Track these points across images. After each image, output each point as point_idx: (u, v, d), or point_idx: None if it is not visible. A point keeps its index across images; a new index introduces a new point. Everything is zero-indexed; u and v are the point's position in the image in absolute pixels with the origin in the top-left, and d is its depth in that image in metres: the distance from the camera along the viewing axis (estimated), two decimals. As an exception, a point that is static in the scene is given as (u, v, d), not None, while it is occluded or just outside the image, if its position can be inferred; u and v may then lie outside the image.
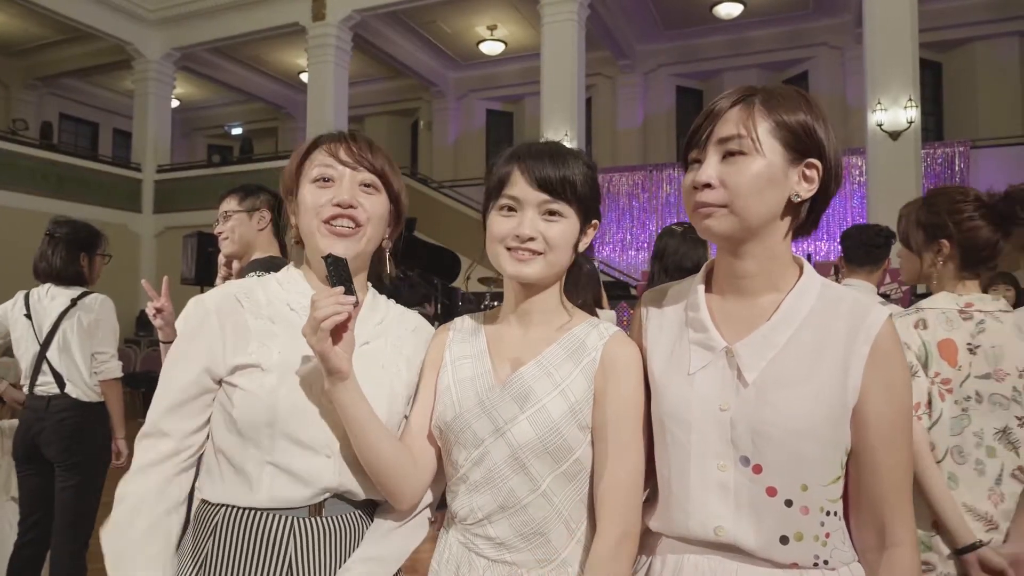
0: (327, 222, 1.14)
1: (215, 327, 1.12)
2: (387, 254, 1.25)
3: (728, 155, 0.98)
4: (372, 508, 1.20)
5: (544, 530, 1.09)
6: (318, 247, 1.14)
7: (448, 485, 1.18)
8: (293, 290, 1.19)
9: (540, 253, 1.10)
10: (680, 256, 2.42)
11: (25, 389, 2.87)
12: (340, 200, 1.14)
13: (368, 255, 1.21)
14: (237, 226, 2.28)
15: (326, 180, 1.16)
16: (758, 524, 0.97)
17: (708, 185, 0.98)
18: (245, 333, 1.12)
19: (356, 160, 1.17)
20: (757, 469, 0.97)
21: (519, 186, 1.10)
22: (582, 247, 1.16)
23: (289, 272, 1.23)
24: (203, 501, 1.15)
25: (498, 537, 1.10)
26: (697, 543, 1.02)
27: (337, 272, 1.06)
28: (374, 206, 1.18)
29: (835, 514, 1.00)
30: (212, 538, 1.10)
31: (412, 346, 1.25)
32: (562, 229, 1.10)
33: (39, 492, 2.84)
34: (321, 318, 1.01)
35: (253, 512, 1.10)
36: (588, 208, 1.14)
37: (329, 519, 1.13)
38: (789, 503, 0.97)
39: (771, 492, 0.97)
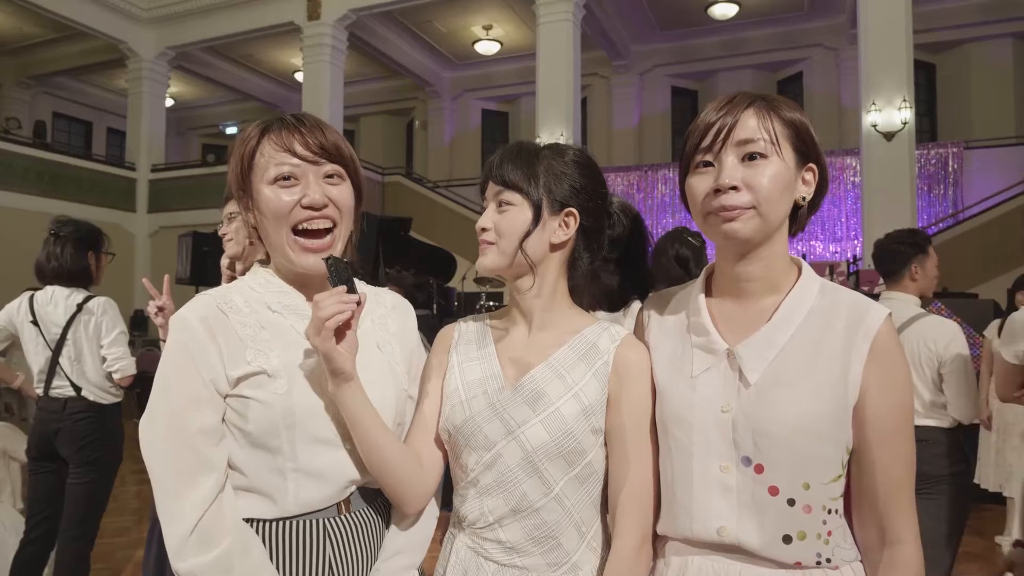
0: (297, 231, 1.08)
1: (205, 339, 1.04)
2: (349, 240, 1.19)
3: (748, 157, 0.99)
4: (385, 497, 1.19)
5: (556, 533, 1.08)
6: (293, 262, 1.09)
7: (456, 489, 1.17)
8: (269, 291, 1.14)
9: (491, 243, 1.12)
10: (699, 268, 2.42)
11: (39, 391, 2.87)
12: (312, 202, 1.06)
13: (340, 252, 1.15)
14: (242, 227, 2.29)
15: (287, 179, 1.07)
16: (761, 524, 0.97)
17: (734, 188, 0.98)
18: (238, 342, 1.06)
19: (315, 153, 1.08)
20: (759, 469, 0.98)
21: (487, 186, 1.15)
22: (556, 239, 1.13)
23: (257, 273, 1.17)
24: None
25: (509, 541, 1.09)
26: (701, 545, 1.02)
27: (338, 272, 1.04)
28: (343, 197, 1.11)
29: (836, 512, 1.00)
30: None
31: (396, 323, 1.23)
32: (509, 218, 1.11)
33: (50, 491, 2.86)
34: (325, 317, 0.99)
35: (284, 522, 1.07)
36: (552, 198, 1.11)
37: (356, 513, 1.12)
38: (792, 502, 0.97)
39: (773, 491, 0.97)
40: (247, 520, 1.06)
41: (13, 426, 3.75)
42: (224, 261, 2.36)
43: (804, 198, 1.03)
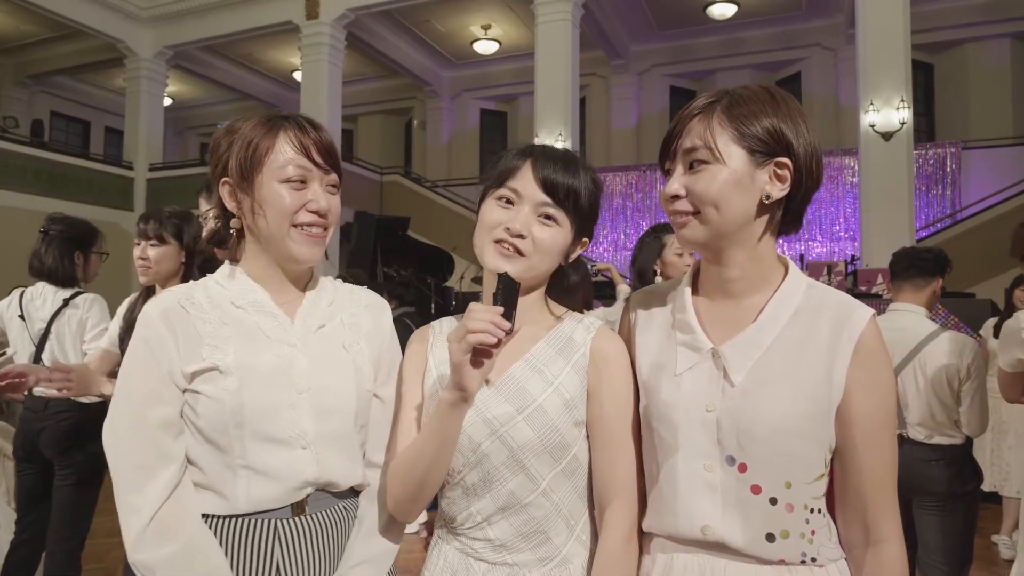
0: (298, 225, 1.11)
1: (164, 333, 1.07)
2: None
3: (692, 165, 1.00)
4: (354, 498, 1.18)
5: (544, 528, 1.08)
6: (291, 253, 1.12)
7: (442, 491, 1.15)
8: (235, 287, 1.15)
9: (524, 255, 1.07)
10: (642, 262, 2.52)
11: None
12: (319, 208, 1.11)
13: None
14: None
15: (301, 181, 1.11)
16: (744, 522, 0.98)
17: (677, 196, 1.01)
18: (196, 338, 1.08)
19: (326, 162, 1.13)
20: (742, 468, 0.98)
21: (524, 181, 1.09)
22: (569, 259, 1.15)
23: (226, 271, 1.17)
24: None
25: (498, 539, 1.09)
26: (686, 542, 1.02)
27: (506, 293, 0.99)
28: (337, 208, 1.16)
29: (819, 511, 1.01)
30: None
31: (369, 321, 1.23)
32: (553, 235, 1.09)
33: (37, 492, 2.84)
34: (471, 329, 0.94)
35: (233, 519, 1.07)
36: (584, 223, 1.13)
37: (313, 516, 1.10)
38: (774, 501, 0.97)
39: (755, 490, 0.98)
40: (203, 515, 1.07)
41: (8, 425, 3.73)
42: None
43: (769, 196, 0.99)
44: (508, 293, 0.99)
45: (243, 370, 1.07)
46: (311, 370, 1.11)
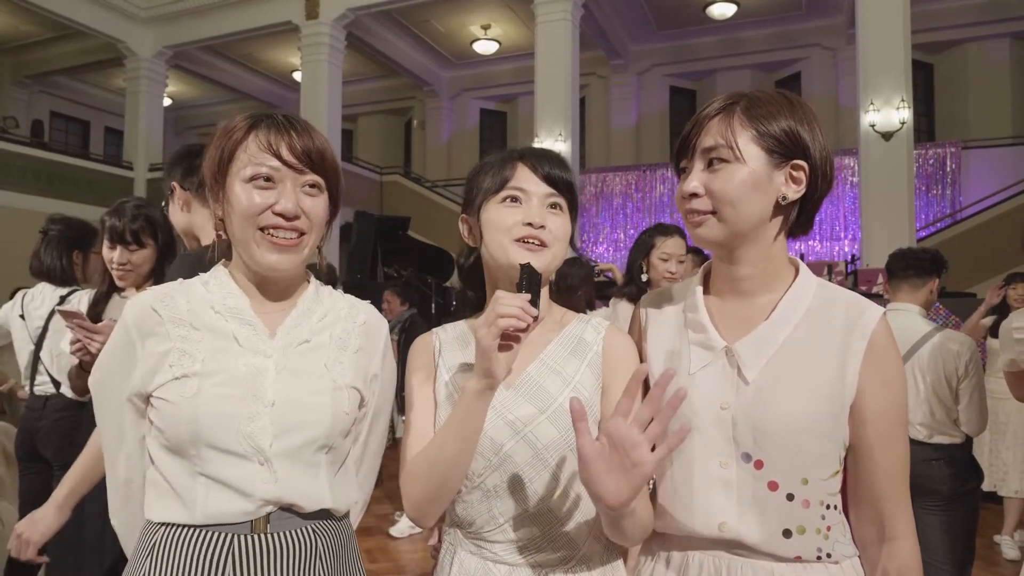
0: (264, 229, 1.04)
1: (135, 342, 1.06)
2: (319, 248, 1.15)
3: (711, 163, 1.01)
4: (326, 521, 1.10)
5: (565, 527, 1.08)
6: (256, 259, 1.06)
7: (457, 495, 1.12)
8: (218, 291, 1.10)
9: (547, 245, 1.10)
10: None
11: (26, 389, 2.86)
12: (284, 210, 1.03)
13: (307, 260, 1.12)
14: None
15: (266, 180, 1.04)
16: (761, 519, 0.99)
17: (695, 194, 1.02)
18: (165, 343, 1.05)
19: (300, 160, 1.05)
20: (758, 465, 0.99)
21: (526, 179, 1.12)
22: (574, 243, 1.19)
23: (215, 272, 1.13)
24: (147, 521, 1.07)
25: (520, 539, 1.08)
26: (701, 541, 1.03)
27: (529, 283, 1.01)
28: (317, 209, 1.07)
29: (835, 507, 1.01)
30: (148, 559, 1.03)
31: (361, 338, 1.16)
32: (563, 223, 1.13)
33: (37, 493, 2.83)
34: (502, 314, 0.95)
35: (190, 529, 1.02)
36: (574, 211, 1.18)
37: (275, 536, 1.03)
38: (791, 497, 0.98)
39: (772, 487, 0.98)
40: (162, 523, 1.04)
41: (9, 425, 3.74)
42: None
43: (785, 197, 1.01)
44: (532, 282, 1.02)
45: (205, 376, 1.02)
46: (280, 383, 1.05)
